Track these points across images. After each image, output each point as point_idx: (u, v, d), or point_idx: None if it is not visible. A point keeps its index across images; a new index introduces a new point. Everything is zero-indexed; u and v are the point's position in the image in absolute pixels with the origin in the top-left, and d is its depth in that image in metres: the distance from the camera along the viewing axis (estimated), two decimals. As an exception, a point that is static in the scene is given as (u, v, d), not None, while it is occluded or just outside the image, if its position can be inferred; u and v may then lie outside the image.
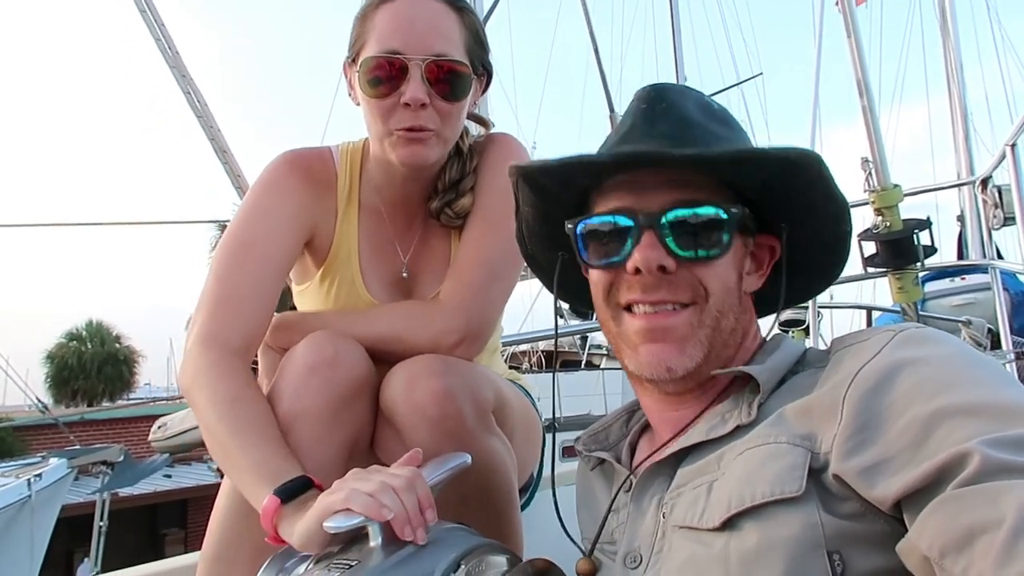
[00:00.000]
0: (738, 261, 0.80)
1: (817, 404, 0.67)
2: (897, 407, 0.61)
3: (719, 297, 0.77)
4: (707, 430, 0.75)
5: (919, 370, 0.63)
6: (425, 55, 1.08)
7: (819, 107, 4.09)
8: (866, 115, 2.32)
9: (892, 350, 0.66)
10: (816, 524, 0.61)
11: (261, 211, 1.16)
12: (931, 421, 0.58)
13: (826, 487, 0.63)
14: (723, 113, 0.85)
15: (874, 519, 0.61)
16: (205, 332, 1.05)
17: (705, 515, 0.68)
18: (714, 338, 0.78)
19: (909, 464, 0.58)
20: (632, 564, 0.75)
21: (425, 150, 1.13)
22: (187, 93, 2.06)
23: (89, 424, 13.67)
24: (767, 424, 0.70)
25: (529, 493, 1.36)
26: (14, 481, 6.98)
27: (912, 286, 2.41)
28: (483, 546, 0.76)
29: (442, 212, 1.23)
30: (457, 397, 1.00)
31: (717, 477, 0.70)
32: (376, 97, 1.10)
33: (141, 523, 13.14)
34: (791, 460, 0.65)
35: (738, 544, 0.64)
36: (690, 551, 0.68)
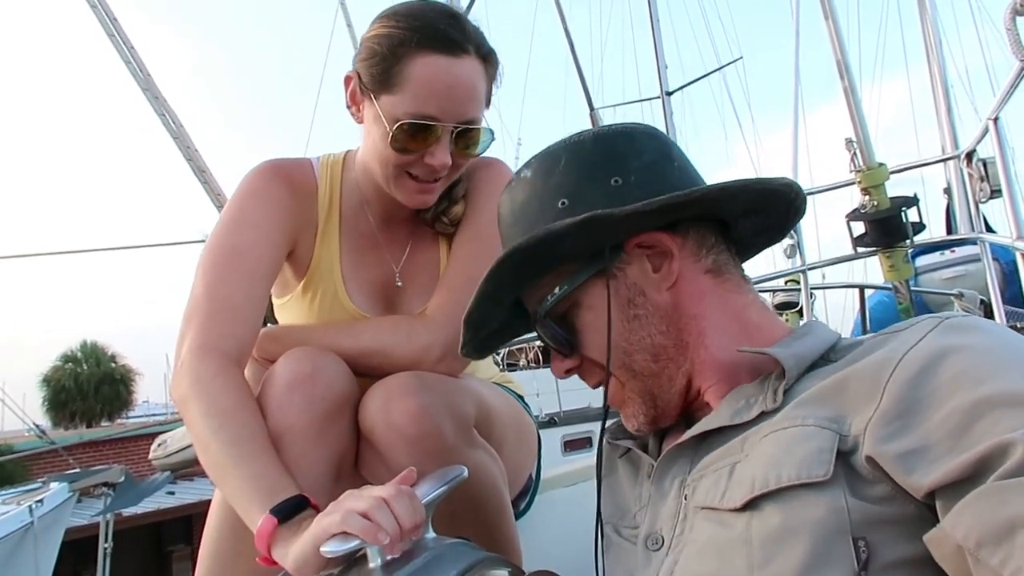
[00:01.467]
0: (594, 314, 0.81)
1: (853, 384, 0.66)
2: (940, 394, 0.60)
3: (615, 360, 0.81)
4: (731, 414, 0.73)
5: (965, 358, 0.62)
6: (457, 122, 1.08)
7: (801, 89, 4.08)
8: (848, 96, 2.32)
9: (937, 337, 0.65)
10: (842, 509, 0.60)
11: (245, 217, 1.14)
12: (974, 410, 0.57)
13: (855, 470, 0.62)
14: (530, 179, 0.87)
15: (904, 503, 0.60)
16: (201, 342, 1.03)
17: (727, 495, 0.67)
18: (646, 383, 0.81)
19: (949, 453, 0.57)
20: (654, 546, 0.74)
21: (432, 197, 1.16)
22: (161, 115, 2.05)
23: (88, 445, 13.62)
24: (793, 406, 0.69)
25: (528, 498, 1.35)
26: (15, 508, 6.95)
27: (903, 263, 2.40)
28: (484, 560, 0.76)
29: (437, 220, 1.23)
30: (435, 415, 0.99)
31: (740, 459, 0.69)
32: (401, 153, 1.09)
33: (146, 542, 13.09)
34: (818, 443, 0.63)
35: (760, 526, 0.63)
36: (712, 533, 0.67)
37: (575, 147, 0.85)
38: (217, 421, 0.95)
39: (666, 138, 0.87)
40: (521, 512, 1.28)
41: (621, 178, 0.81)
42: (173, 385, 1.03)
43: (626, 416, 0.84)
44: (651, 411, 0.82)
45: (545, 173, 0.84)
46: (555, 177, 0.83)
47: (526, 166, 0.88)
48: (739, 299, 0.83)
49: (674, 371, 0.81)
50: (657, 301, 0.81)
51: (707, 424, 0.75)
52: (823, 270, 3.49)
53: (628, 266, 0.81)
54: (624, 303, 0.81)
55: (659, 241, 0.81)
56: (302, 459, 0.97)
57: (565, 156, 0.84)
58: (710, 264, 0.83)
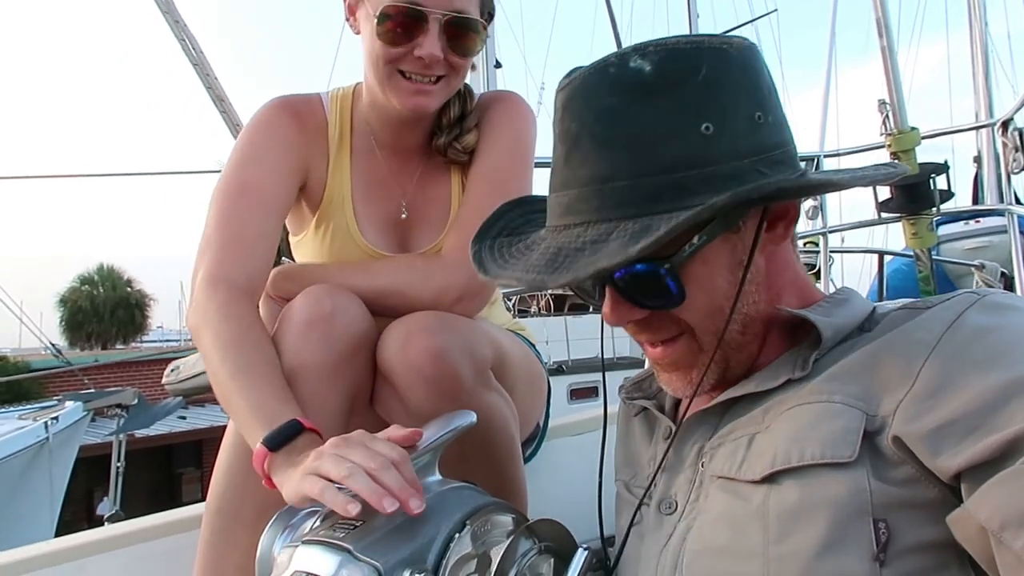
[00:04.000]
0: (722, 260, 0.70)
1: (886, 363, 0.64)
2: (973, 374, 0.58)
3: (703, 325, 0.72)
4: (758, 381, 0.72)
5: (1000, 336, 0.60)
6: (446, 10, 1.06)
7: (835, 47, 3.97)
8: (885, 56, 2.25)
9: (974, 315, 0.63)
10: (864, 490, 0.59)
11: (256, 152, 1.15)
12: (1006, 391, 0.56)
13: (880, 451, 0.61)
14: (652, 80, 0.67)
15: (928, 486, 0.59)
16: (212, 274, 1.04)
17: (744, 466, 0.67)
18: (721, 352, 0.73)
19: (977, 432, 0.55)
20: (667, 510, 0.74)
21: (429, 100, 1.13)
22: (182, 40, 2.01)
23: (103, 367, 13.86)
24: (822, 379, 0.66)
25: (535, 444, 1.36)
26: (32, 424, 7.15)
27: (927, 231, 2.36)
28: (489, 505, 0.76)
29: (449, 147, 1.21)
30: (453, 355, 0.99)
31: (760, 430, 0.68)
32: (389, 44, 1.08)
33: (158, 463, 13.46)
34: (845, 422, 0.62)
35: (778, 500, 0.62)
36: (727, 503, 0.67)
37: (718, 56, 0.67)
38: (222, 351, 0.96)
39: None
40: (527, 459, 1.29)
41: (762, 113, 0.68)
42: (188, 315, 1.05)
43: (676, 379, 0.76)
44: (712, 380, 0.74)
45: (677, 80, 0.66)
46: (691, 90, 0.66)
47: (642, 56, 0.67)
48: (800, 267, 0.79)
49: (752, 344, 0.75)
50: (759, 265, 0.72)
51: (734, 391, 0.73)
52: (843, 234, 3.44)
53: (747, 219, 0.70)
54: (736, 263, 0.70)
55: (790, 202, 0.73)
56: (316, 396, 0.98)
57: (707, 66, 0.66)
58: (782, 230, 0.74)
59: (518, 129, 1.23)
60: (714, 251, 0.69)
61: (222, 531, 0.98)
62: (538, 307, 15.08)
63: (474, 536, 0.72)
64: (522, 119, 1.24)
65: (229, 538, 0.97)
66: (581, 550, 0.73)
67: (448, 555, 0.69)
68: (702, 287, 0.70)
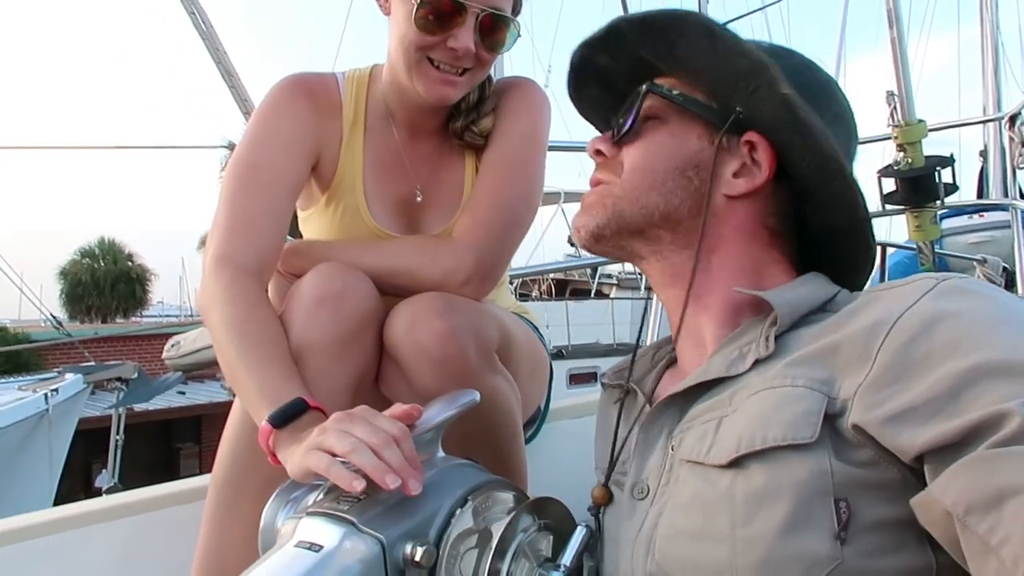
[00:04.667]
0: (679, 139, 0.82)
1: (846, 346, 0.65)
2: (933, 359, 0.59)
3: (630, 171, 0.83)
4: (727, 365, 0.73)
5: (959, 322, 0.60)
6: (484, 5, 1.07)
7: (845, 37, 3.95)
8: (894, 47, 2.24)
9: (932, 300, 0.63)
10: (826, 471, 0.60)
11: (267, 132, 1.16)
12: (968, 376, 0.56)
13: (841, 434, 0.62)
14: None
15: (888, 467, 0.60)
16: (220, 253, 1.06)
17: (712, 451, 0.68)
18: (625, 207, 0.82)
19: (939, 415, 0.56)
20: (640, 495, 0.75)
21: (454, 91, 1.14)
22: (191, 13, 2.00)
23: (103, 340, 13.89)
24: (786, 364, 0.68)
25: (536, 426, 1.37)
26: (31, 395, 7.17)
27: (930, 224, 2.36)
28: (491, 482, 0.77)
29: (466, 130, 1.22)
30: (460, 337, 1.00)
31: (727, 414, 0.70)
32: (424, 32, 1.08)
33: (156, 437, 13.52)
34: (807, 405, 0.63)
35: (744, 484, 0.64)
36: (696, 488, 0.68)
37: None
38: (229, 331, 0.98)
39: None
40: (528, 440, 1.30)
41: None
42: (199, 295, 1.07)
43: (579, 217, 0.86)
44: (604, 228, 0.83)
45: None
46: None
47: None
48: (768, 257, 0.81)
49: (662, 240, 0.82)
50: (711, 193, 0.80)
51: (702, 376, 0.75)
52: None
53: (727, 150, 0.80)
54: (689, 159, 0.81)
55: (767, 157, 0.79)
56: (323, 374, 0.99)
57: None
58: (771, 223, 0.82)
59: (533, 116, 1.24)
60: (687, 133, 0.82)
61: (227, 503, 0.99)
62: (539, 292, 15.10)
63: (475, 512, 0.73)
64: (537, 106, 1.25)
65: (234, 510, 0.98)
66: (580, 527, 0.74)
67: (450, 529, 0.70)
68: (653, 149, 0.83)
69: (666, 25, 0.81)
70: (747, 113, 0.79)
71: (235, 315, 0.99)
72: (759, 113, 0.78)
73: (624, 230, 0.83)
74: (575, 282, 16.18)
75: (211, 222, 1.11)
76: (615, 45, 0.87)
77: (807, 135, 0.76)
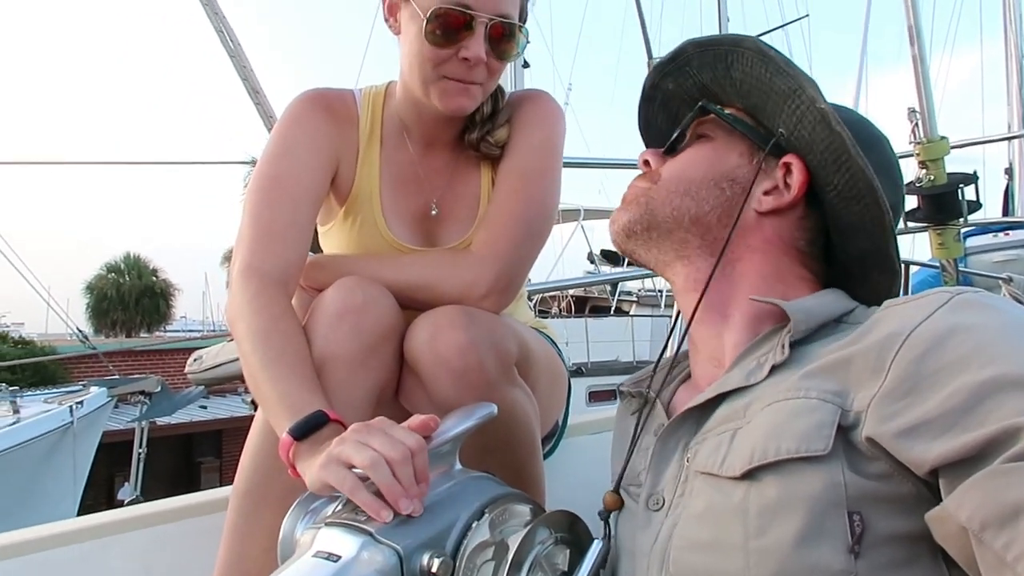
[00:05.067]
0: (717, 155, 0.86)
1: (859, 358, 0.65)
2: (947, 373, 0.59)
3: (667, 179, 0.88)
4: (745, 375, 0.74)
5: (974, 336, 0.60)
6: (492, 14, 1.09)
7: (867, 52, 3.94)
8: (916, 64, 2.23)
9: (947, 313, 0.63)
10: (839, 484, 0.60)
11: (288, 145, 1.18)
12: (982, 390, 0.56)
13: (854, 446, 0.62)
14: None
15: (902, 480, 0.60)
16: (246, 264, 1.07)
17: (726, 462, 0.68)
18: (656, 208, 0.86)
19: (953, 430, 0.56)
20: (655, 506, 0.75)
21: (469, 101, 1.15)
22: (220, 31, 2.04)
23: (127, 354, 14.05)
24: (800, 376, 0.68)
25: (554, 441, 1.37)
26: (57, 408, 7.25)
27: (953, 242, 2.34)
28: (507, 495, 0.77)
29: (482, 141, 1.23)
30: (480, 349, 1.00)
31: (742, 425, 0.70)
32: (436, 46, 1.10)
33: (178, 451, 13.58)
34: (820, 417, 0.63)
35: (757, 496, 0.64)
36: (710, 499, 0.68)
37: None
38: (253, 342, 0.99)
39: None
40: (545, 455, 1.30)
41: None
42: (227, 307, 1.09)
43: (615, 212, 0.91)
44: (636, 224, 0.88)
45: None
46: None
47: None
48: (793, 273, 0.83)
49: (690, 244, 0.86)
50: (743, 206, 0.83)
51: (720, 387, 0.75)
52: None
53: (764, 171, 0.84)
54: (726, 173, 0.85)
55: (800, 179, 0.81)
56: (344, 386, 1.00)
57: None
58: (801, 244, 0.84)
59: (548, 128, 1.25)
60: (730, 150, 0.86)
61: (248, 513, 1.00)
62: (559, 309, 15.07)
63: (492, 524, 0.73)
64: (552, 118, 1.26)
65: (255, 520, 0.99)
66: (597, 542, 0.74)
67: (466, 541, 0.71)
68: (696, 163, 0.87)
69: (726, 50, 0.85)
70: (788, 134, 0.81)
71: (260, 326, 1.00)
72: (799, 132, 0.80)
73: (654, 228, 0.87)
74: (595, 299, 16.12)
75: (236, 236, 1.12)
76: (680, 70, 0.91)
77: (840, 150, 0.77)
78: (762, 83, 0.82)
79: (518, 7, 1.14)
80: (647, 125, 1.00)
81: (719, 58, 0.86)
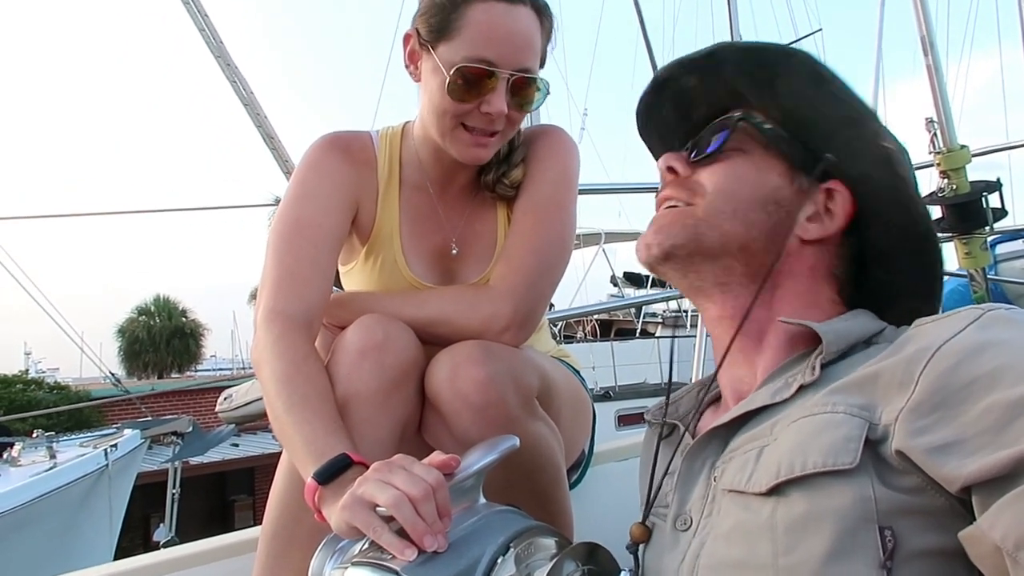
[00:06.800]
0: (762, 173, 0.81)
1: (887, 373, 0.64)
2: (978, 389, 0.58)
3: (712, 195, 0.81)
4: (771, 394, 0.73)
5: (1006, 352, 0.59)
6: (514, 69, 1.10)
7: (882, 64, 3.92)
8: (931, 73, 2.22)
9: (978, 330, 0.62)
10: (868, 498, 0.59)
11: (308, 189, 1.20)
12: (1015, 408, 0.55)
13: (884, 459, 0.61)
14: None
15: (935, 495, 0.58)
16: (269, 308, 1.09)
17: (753, 479, 0.67)
18: (703, 232, 0.80)
19: (987, 448, 0.55)
20: (682, 526, 0.74)
21: (487, 152, 1.17)
22: (233, 82, 2.09)
23: (159, 395, 14.23)
24: (827, 392, 0.67)
25: (581, 470, 1.36)
26: (92, 451, 7.35)
27: (980, 251, 2.30)
28: (532, 528, 0.77)
29: (497, 183, 1.24)
30: (500, 384, 1.01)
31: (768, 443, 0.69)
32: (458, 101, 1.11)
33: (211, 490, 13.67)
34: (847, 431, 0.62)
35: (785, 512, 0.63)
36: (738, 517, 0.67)
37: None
38: (276, 386, 1.00)
39: None
40: (572, 485, 1.29)
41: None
42: (252, 350, 1.10)
43: (651, 235, 0.83)
44: (679, 248, 0.81)
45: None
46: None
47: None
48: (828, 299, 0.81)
49: (733, 272, 0.81)
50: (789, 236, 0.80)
51: (746, 406, 0.74)
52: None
53: (804, 192, 0.80)
54: (770, 195, 0.80)
55: (845, 208, 0.80)
56: (367, 424, 1.00)
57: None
58: (839, 271, 0.82)
59: (563, 162, 1.26)
60: (771, 168, 0.81)
61: (277, 555, 1.01)
62: (584, 333, 15.02)
63: (518, 559, 0.73)
64: (566, 152, 1.27)
65: (284, 561, 1.00)
66: (624, 573, 0.73)
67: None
68: (738, 177, 0.81)
69: (773, 60, 0.82)
70: (838, 161, 0.79)
71: (284, 369, 1.01)
72: (852, 163, 0.78)
73: (698, 253, 0.81)
74: (619, 322, 16.05)
75: (260, 279, 1.14)
76: (712, 69, 0.86)
77: (901, 193, 0.77)
78: (811, 103, 0.79)
79: (539, 57, 1.15)
80: (648, 109, 0.94)
81: (764, 68, 0.82)
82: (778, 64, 0.81)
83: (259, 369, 1.05)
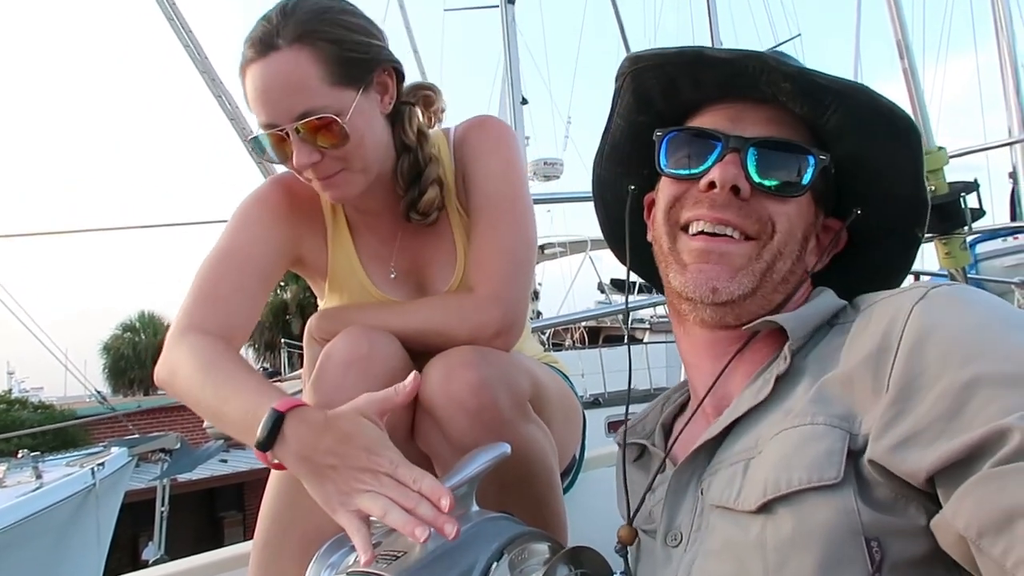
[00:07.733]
0: (809, 213, 0.81)
1: (858, 380, 0.65)
2: (929, 376, 0.59)
3: (783, 237, 0.78)
4: (754, 394, 0.74)
5: (949, 334, 0.61)
6: (293, 119, 1.05)
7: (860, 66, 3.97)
8: (907, 77, 2.26)
9: (921, 315, 0.64)
10: (853, 511, 0.60)
11: (245, 222, 1.20)
12: (965, 390, 0.56)
13: (862, 473, 0.62)
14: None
15: (908, 502, 0.60)
16: (182, 325, 1.09)
17: (741, 495, 0.68)
18: (767, 277, 0.78)
19: (942, 436, 0.56)
20: (673, 542, 0.75)
21: (343, 191, 1.13)
22: (219, 96, 2.10)
23: (146, 412, 14.07)
24: (808, 401, 0.68)
25: (572, 475, 1.37)
26: (79, 471, 7.26)
27: (959, 251, 2.34)
28: (525, 534, 0.78)
29: (411, 211, 1.21)
30: (494, 388, 1.01)
31: (754, 455, 0.70)
32: (274, 163, 1.13)
33: (200, 507, 13.53)
34: (828, 444, 0.63)
35: (774, 530, 0.64)
36: (727, 533, 0.68)
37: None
38: (198, 377, 1.01)
39: None
40: (563, 490, 1.30)
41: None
42: (157, 370, 1.09)
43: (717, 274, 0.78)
44: (745, 293, 0.77)
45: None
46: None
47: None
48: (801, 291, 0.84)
49: (779, 298, 0.81)
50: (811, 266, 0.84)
51: (733, 412, 0.75)
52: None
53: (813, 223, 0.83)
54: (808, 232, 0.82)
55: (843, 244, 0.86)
56: None
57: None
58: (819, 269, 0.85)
59: (503, 152, 1.22)
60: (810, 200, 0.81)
61: (269, 565, 1.01)
62: (572, 340, 15.01)
63: (512, 564, 0.73)
64: (503, 140, 1.23)
65: (275, 570, 1.00)
66: (616, 575, 0.74)
67: (487, 583, 0.71)
68: (804, 207, 0.80)
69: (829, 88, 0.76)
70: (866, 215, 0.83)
71: (203, 360, 1.02)
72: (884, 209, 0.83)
73: (751, 296, 0.79)
74: (607, 328, 16.06)
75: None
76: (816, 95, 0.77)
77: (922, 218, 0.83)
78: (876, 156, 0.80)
79: (324, 84, 1.05)
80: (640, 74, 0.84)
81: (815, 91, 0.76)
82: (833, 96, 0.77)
83: (172, 380, 1.04)
